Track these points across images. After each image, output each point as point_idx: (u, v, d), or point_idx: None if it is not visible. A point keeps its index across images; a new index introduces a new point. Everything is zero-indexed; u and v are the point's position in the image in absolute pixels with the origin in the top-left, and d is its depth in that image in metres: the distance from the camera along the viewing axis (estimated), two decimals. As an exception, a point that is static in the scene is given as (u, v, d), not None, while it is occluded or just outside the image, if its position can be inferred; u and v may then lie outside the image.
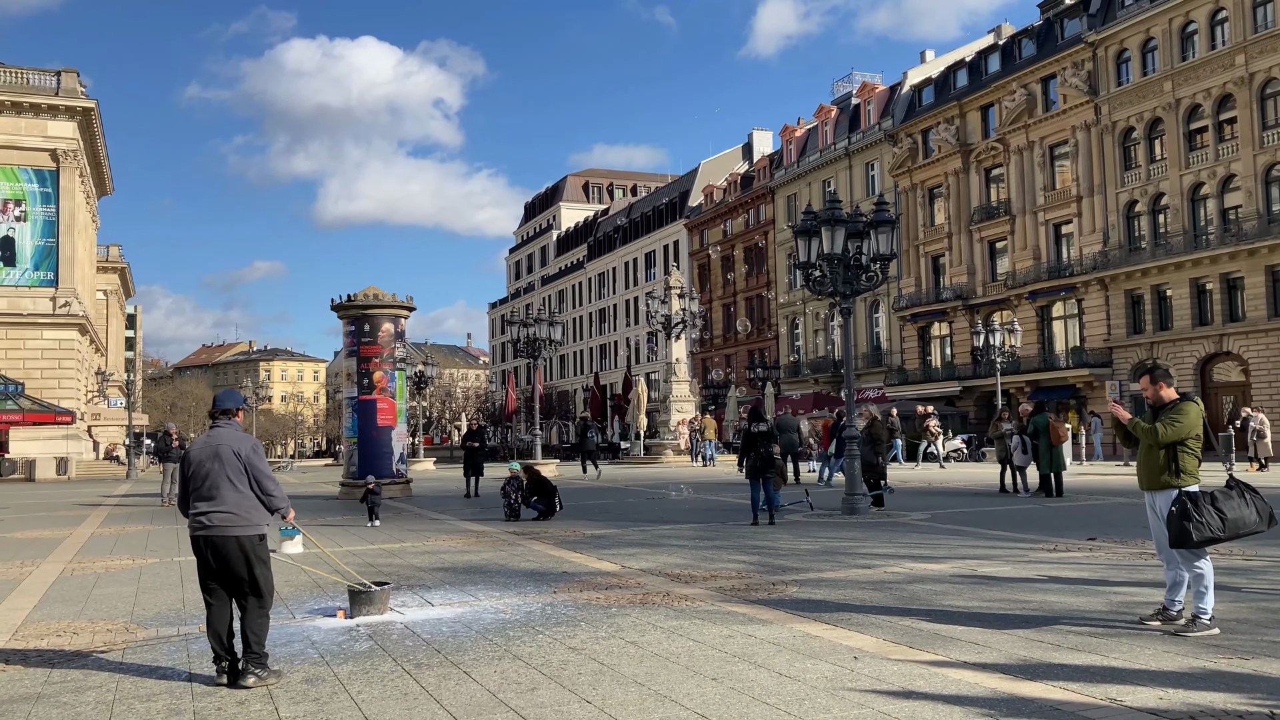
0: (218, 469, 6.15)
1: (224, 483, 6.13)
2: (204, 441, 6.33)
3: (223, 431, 6.32)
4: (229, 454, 6.17)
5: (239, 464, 6.16)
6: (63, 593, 10.34)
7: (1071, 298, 49.39)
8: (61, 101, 49.07)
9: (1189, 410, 7.32)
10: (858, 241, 17.87)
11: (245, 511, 6.17)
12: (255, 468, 6.20)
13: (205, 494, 6.17)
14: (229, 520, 6.11)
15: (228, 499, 6.13)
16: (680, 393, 46.34)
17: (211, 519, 6.12)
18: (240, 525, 6.14)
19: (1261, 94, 41.32)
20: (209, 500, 6.14)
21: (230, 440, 6.25)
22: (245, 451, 6.21)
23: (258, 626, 6.22)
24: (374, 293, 25.45)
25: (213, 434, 6.33)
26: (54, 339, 48.81)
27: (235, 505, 6.13)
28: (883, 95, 63.27)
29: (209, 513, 6.13)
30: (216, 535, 6.11)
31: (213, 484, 6.15)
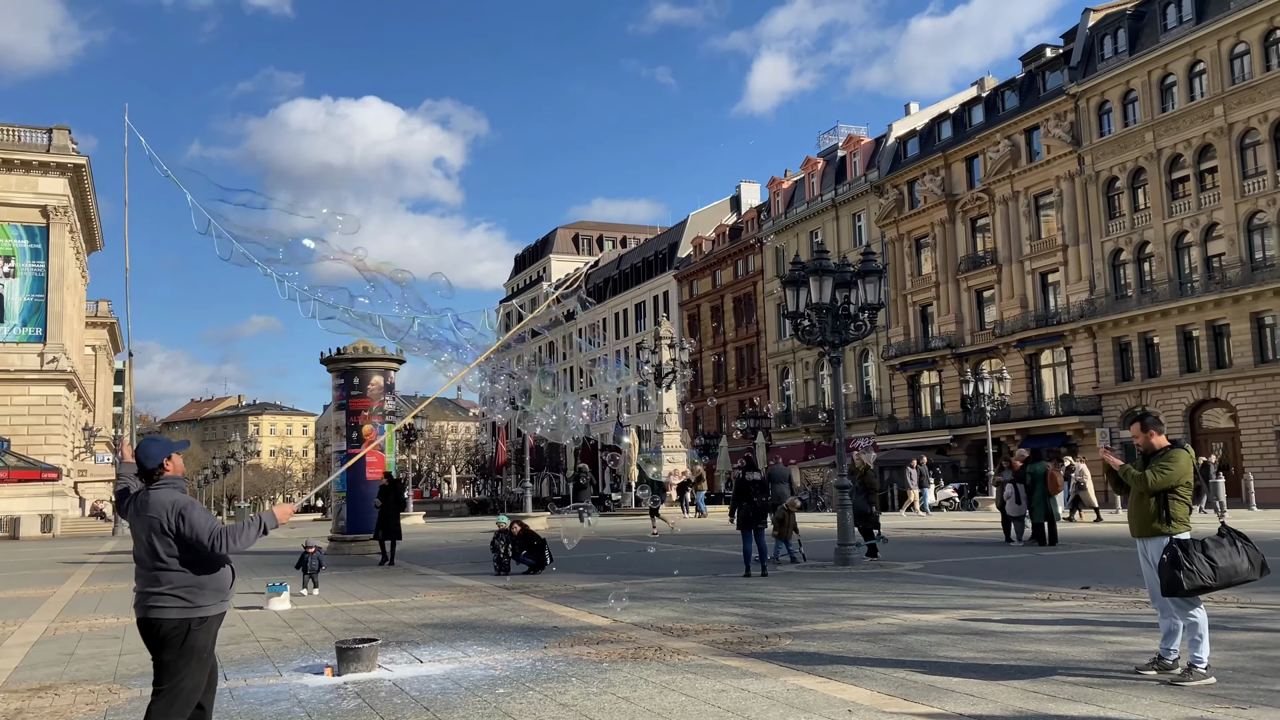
0: (147, 545, 5.15)
1: (156, 561, 5.12)
2: (136, 505, 5.27)
3: (151, 497, 5.21)
4: (158, 527, 5.11)
5: (168, 538, 5.11)
6: (45, 653, 10.18)
7: (1059, 346, 49.63)
8: (53, 158, 49.31)
9: (1179, 457, 7.32)
10: (846, 291, 17.96)
11: (183, 590, 5.13)
12: (185, 537, 5.10)
13: (141, 573, 5.22)
14: (164, 602, 5.12)
15: (162, 579, 5.12)
16: (671, 443, 46.25)
17: (150, 600, 5.14)
18: (177, 606, 5.13)
19: (1241, 144, 41.90)
20: (145, 581, 5.18)
21: (156, 508, 5.15)
22: (171, 520, 5.10)
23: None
24: (363, 346, 25.44)
25: (143, 498, 5.24)
26: (41, 395, 48.57)
27: (170, 584, 5.11)
28: (868, 147, 63.99)
29: (147, 593, 5.16)
30: (154, 617, 5.12)
31: (145, 563, 5.16)
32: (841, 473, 18.07)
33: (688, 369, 47.36)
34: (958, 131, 56.43)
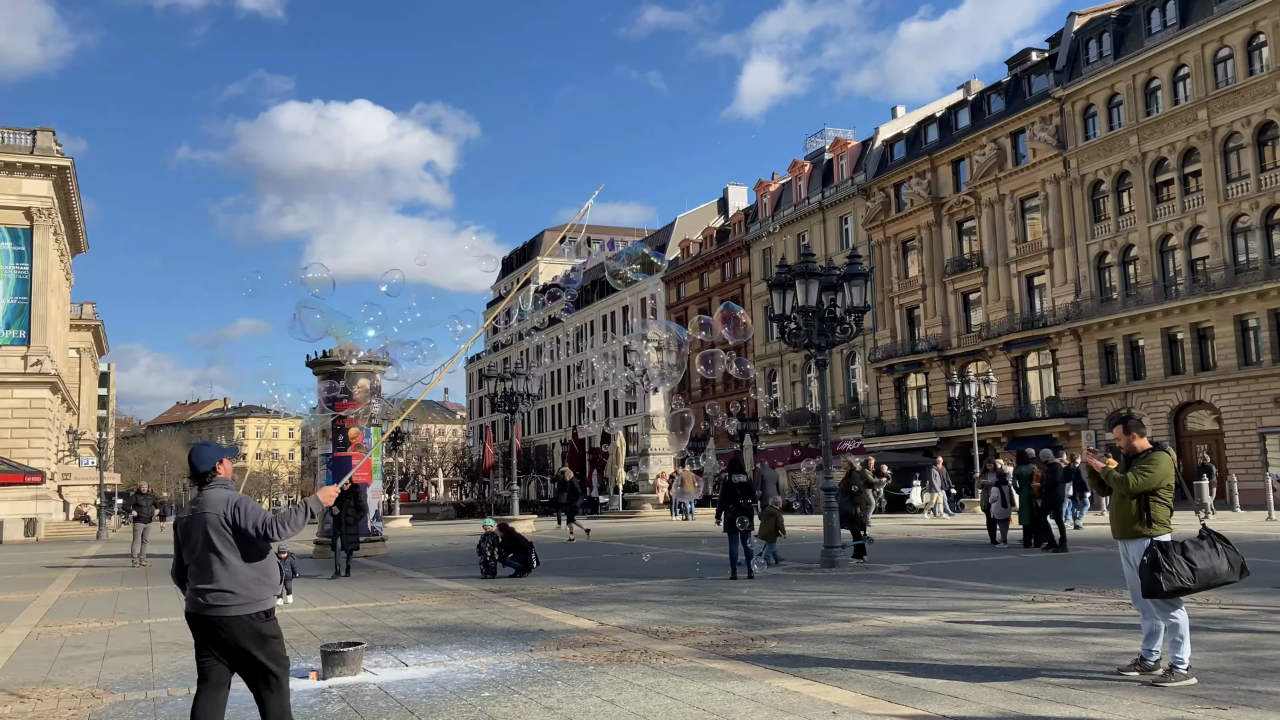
0: (205, 540, 5.43)
1: (214, 557, 5.40)
2: (190, 509, 5.60)
3: (207, 495, 5.52)
4: (215, 521, 5.41)
5: (226, 530, 5.41)
6: (28, 657, 10.13)
7: (1045, 348, 49.85)
8: (36, 160, 49.01)
9: (1160, 460, 7.36)
10: (832, 294, 18.01)
11: (244, 585, 5.42)
12: (241, 528, 5.40)
13: (198, 571, 5.47)
14: (225, 599, 5.39)
15: (221, 576, 5.39)
16: (659, 445, 46.25)
17: (207, 598, 5.41)
18: (238, 602, 5.40)
19: (1224, 148, 42.18)
20: (203, 577, 5.43)
21: (214, 505, 5.46)
22: (229, 513, 5.41)
23: (280, 712, 5.52)
24: (350, 348, 25.36)
25: (198, 500, 5.56)
26: (25, 398, 48.26)
27: (231, 581, 5.39)
28: (855, 150, 64.16)
29: (205, 590, 5.41)
30: (214, 615, 5.40)
31: (203, 559, 5.43)
32: (828, 475, 18.11)
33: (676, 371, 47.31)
34: (944, 135, 56.64)
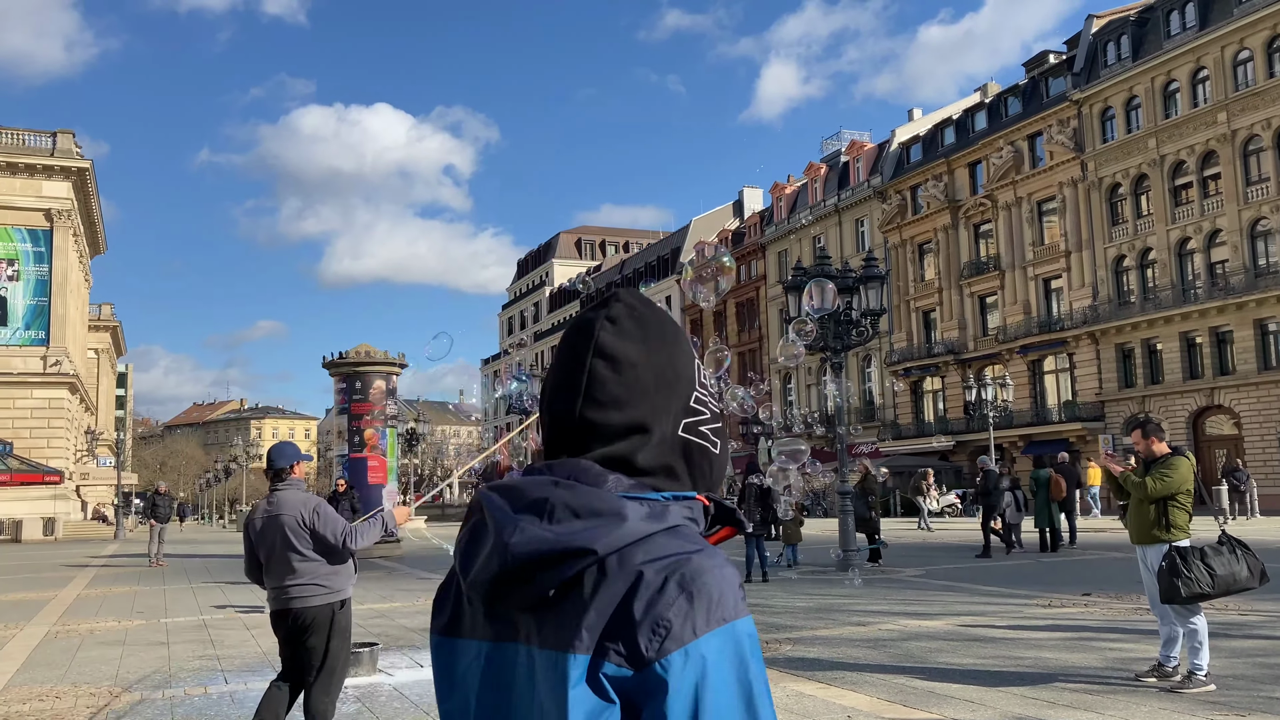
0: (283, 541, 5.57)
1: (294, 555, 5.56)
2: (264, 509, 5.72)
3: (283, 496, 5.66)
4: (293, 523, 5.55)
5: (304, 532, 5.56)
6: (47, 656, 10.19)
7: (1062, 352, 49.58)
8: (56, 162, 49.39)
9: (1179, 465, 7.31)
10: (848, 297, 17.96)
11: (324, 579, 5.59)
12: (319, 533, 5.55)
13: (277, 569, 5.62)
14: (308, 591, 5.57)
15: (301, 569, 5.56)
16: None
17: (291, 592, 5.57)
18: (322, 594, 5.59)
19: (1244, 150, 41.88)
20: (284, 574, 5.59)
21: (290, 507, 5.59)
22: (307, 516, 5.56)
23: (323, 708, 5.63)
24: (365, 350, 25.48)
25: (273, 500, 5.69)
26: (44, 398, 48.61)
27: (312, 574, 5.57)
28: (871, 153, 64.00)
29: (288, 586, 5.58)
30: (297, 607, 5.56)
31: (282, 558, 5.58)
32: (843, 479, 18.06)
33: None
34: (961, 137, 56.44)
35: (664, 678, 1.02)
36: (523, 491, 1.14)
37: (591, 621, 1.05)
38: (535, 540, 1.07)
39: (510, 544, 1.08)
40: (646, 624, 1.03)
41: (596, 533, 1.07)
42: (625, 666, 1.03)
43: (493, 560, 1.10)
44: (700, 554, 1.08)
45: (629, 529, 1.08)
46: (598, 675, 1.03)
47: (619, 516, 1.09)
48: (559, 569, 1.07)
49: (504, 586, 1.10)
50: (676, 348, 1.22)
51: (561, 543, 1.07)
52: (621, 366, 1.17)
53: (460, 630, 1.18)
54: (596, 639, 1.04)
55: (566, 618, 1.06)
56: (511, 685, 1.12)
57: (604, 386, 1.17)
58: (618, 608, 1.05)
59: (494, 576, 1.09)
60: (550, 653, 1.06)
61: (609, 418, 1.17)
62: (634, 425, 1.17)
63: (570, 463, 1.16)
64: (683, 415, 1.20)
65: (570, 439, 1.18)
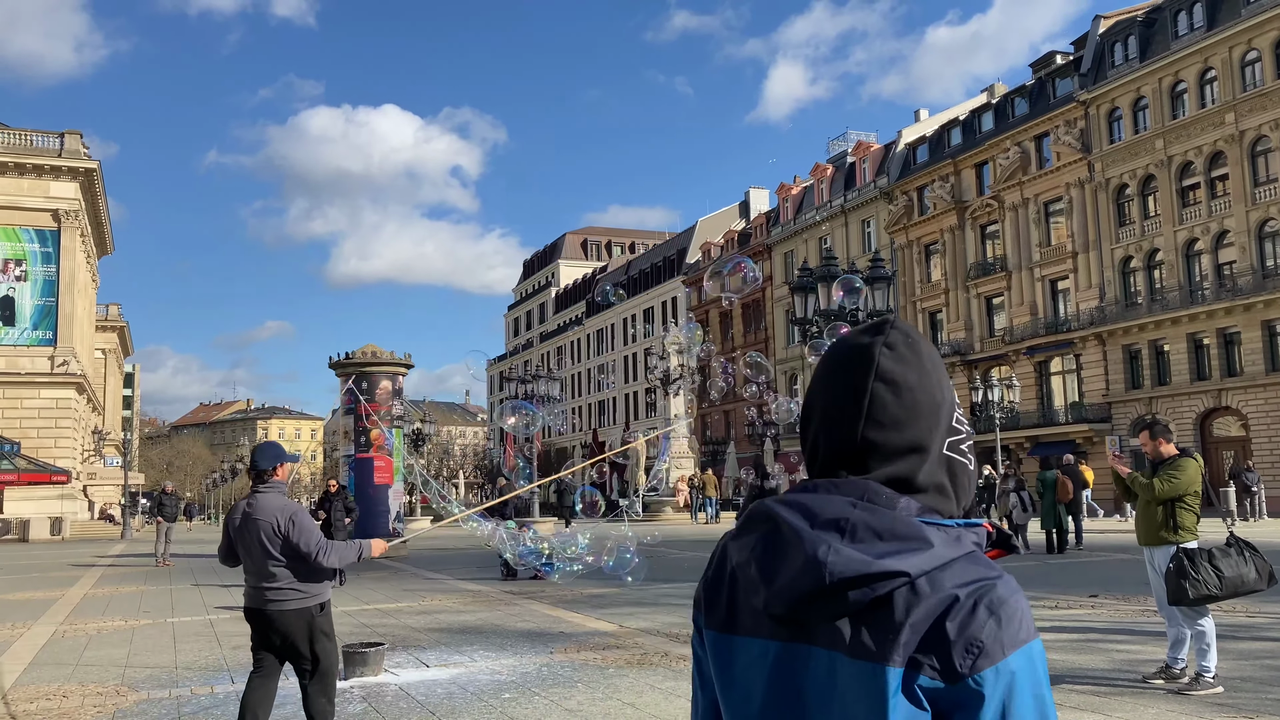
0: (259, 544, 5.52)
1: (270, 560, 5.51)
2: (244, 509, 5.67)
3: (261, 500, 5.59)
4: (269, 529, 5.48)
5: (278, 539, 5.49)
6: (54, 655, 10.21)
7: (1069, 353, 49.48)
8: (64, 162, 49.53)
9: (1187, 466, 7.29)
10: (854, 297, 17.95)
11: (301, 584, 5.53)
12: (292, 543, 5.47)
13: (253, 568, 5.60)
14: (285, 595, 5.52)
15: (277, 574, 5.52)
16: (679, 449, 46.22)
17: (267, 595, 5.54)
18: (297, 598, 5.54)
19: (1252, 151, 41.77)
20: (259, 575, 5.57)
21: (267, 512, 5.52)
22: (283, 525, 5.48)
23: (321, 708, 5.67)
24: (372, 350, 25.50)
25: (253, 502, 5.63)
26: (51, 398, 48.75)
27: (288, 579, 5.51)
28: (878, 153, 63.94)
29: (264, 589, 5.55)
30: (273, 610, 5.53)
31: (258, 559, 5.55)
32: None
33: (695, 375, 47.30)
34: (967, 138, 56.36)
35: (979, 691, 1.14)
36: (816, 508, 1.25)
37: (906, 638, 1.16)
38: (853, 561, 1.18)
39: (827, 563, 1.19)
40: (960, 643, 1.15)
41: (909, 557, 1.18)
42: (939, 680, 1.16)
43: (806, 576, 1.20)
44: (1001, 580, 1.20)
45: (935, 554, 1.19)
46: (913, 687, 1.16)
47: (925, 541, 1.20)
48: (872, 588, 1.18)
49: (814, 600, 1.20)
50: (940, 372, 1.35)
51: (878, 565, 1.18)
52: (901, 390, 1.29)
53: (738, 628, 1.30)
54: (910, 654, 1.16)
55: (881, 632, 1.18)
56: (803, 684, 1.23)
57: (885, 409, 1.28)
58: (931, 627, 1.16)
59: (807, 591, 1.20)
60: (866, 663, 1.18)
61: (890, 438, 1.28)
62: (913, 445, 1.28)
63: (859, 483, 1.27)
64: (947, 434, 1.31)
65: (850, 459, 1.30)
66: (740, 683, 1.29)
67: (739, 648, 1.29)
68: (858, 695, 1.17)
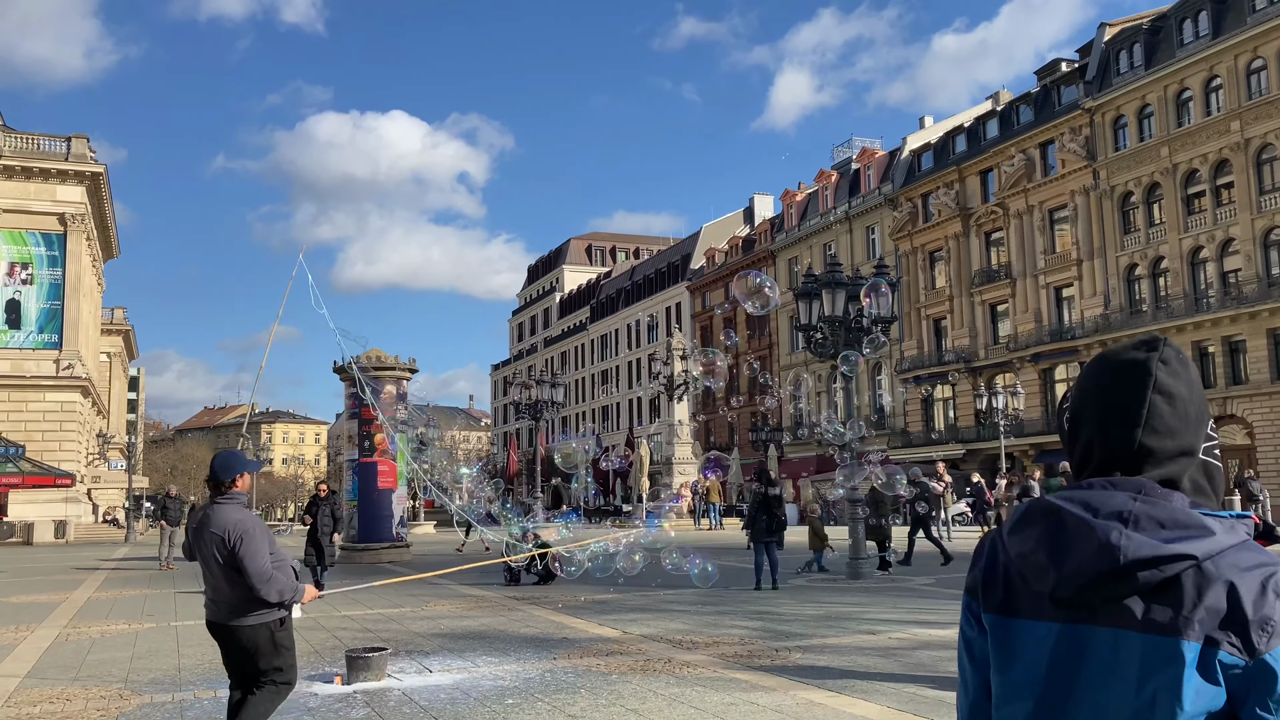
0: (212, 557, 5.34)
1: (220, 570, 5.32)
2: (200, 518, 5.51)
3: (217, 512, 5.39)
4: (219, 542, 5.27)
5: (228, 554, 5.25)
6: (57, 658, 10.22)
7: (1074, 360, 49.37)
8: (70, 166, 49.64)
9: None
10: (858, 304, 17.93)
11: (249, 600, 5.31)
12: (241, 562, 5.22)
13: (210, 581, 5.45)
14: (243, 610, 5.33)
15: (224, 589, 5.36)
16: (683, 455, 46.18)
17: (224, 609, 5.39)
18: (256, 613, 5.33)
19: (1258, 159, 41.72)
20: (217, 589, 5.41)
21: (220, 525, 5.30)
22: (231, 539, 5.24)
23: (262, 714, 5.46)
24: (376, 355, 25.52)
25: (209, 511, 5.45)
26: (56, 401, 48.80)
27: (246, 593, 5.30)
28: (882, 160, 63.94)
29: (220, 602, 5.40)
30: (233, 624, 5.37)
31: (214, 572, 5.38)
32: (853, 487, 18.01)
33: (699, 381, 47.35)
34: (972, 145, 56.34)
35: (1273, 668, 1.29)
36: (1097, 503, 1.39)
37: (1201, 616, 1.30)
38: (1144, 545, 1.33)
39: (1121, 546, 1.33)
40: (1256, 622, 1.29)
41: (1195, 542, 1.32)
42: (1239, 656, 1.29)
43: (1099, 559, 1.34)
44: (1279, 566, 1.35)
45: (1217, 540, 1.33)
46: (1211, 662, 1.29)
47: (1206, 529, 1.34)
48: (1161, 569, 1.31)
49: (1105, 581, 1.34)
50: (1199, 384, 1.51)
51: (1168, 549, 1.32)
52: (1175, 401, 1.45)
53: (1017, 612, 1.44)
54: (1206, 631, 1.29)
55: (1173, 610, 1.31)
56: (1083, 661, 1.37)
57: (1162, 418, 1.44)
58: (1228, 607, 1.30)
59: (1100, 573, 1.34)
60: (1159, 638, 1.31)
61: (1164, 444, 1.44)
62: (1182, 450, 1.45)
63: (1134, 480, 1.42)
64: (1204, 440, 1.47)
65: (1125, 462, 1.45)
66: (1020, 661, 1.43)
67: (1018, 630, 1.43)
68: (1147, 668, 1.31)
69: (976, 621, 1.52)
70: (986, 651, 1.50)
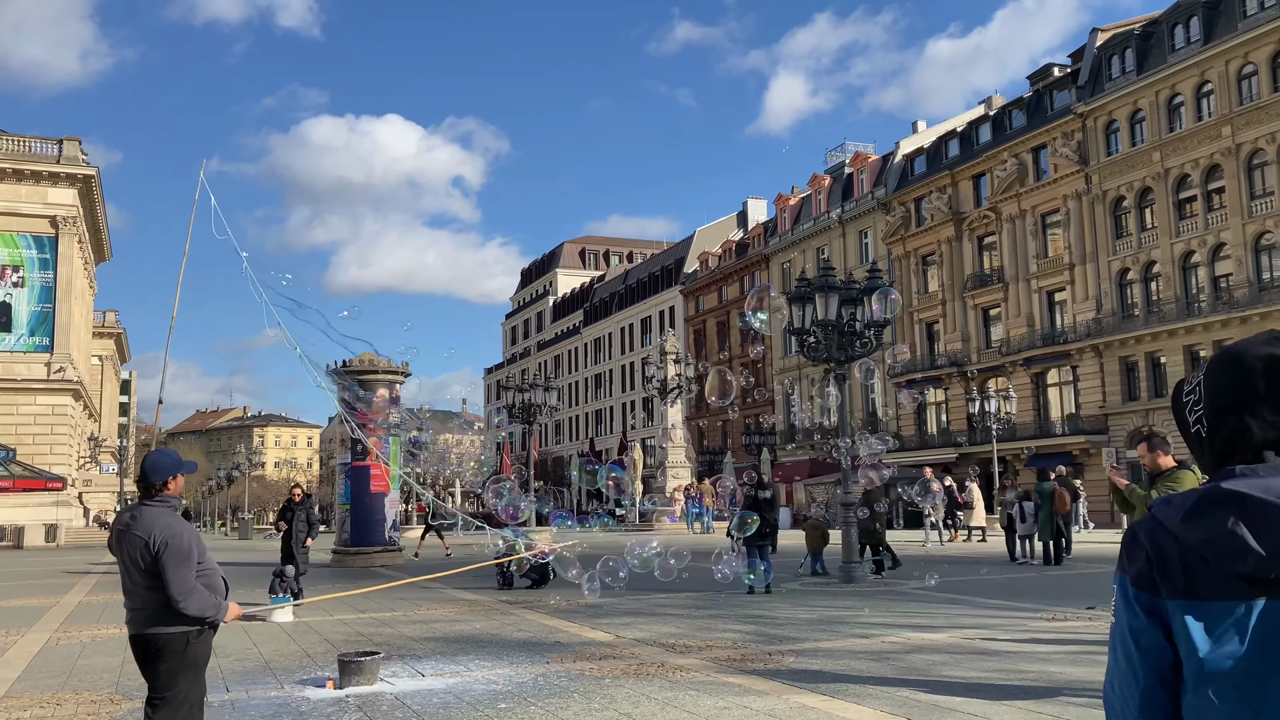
0: (132, 562, 4.90)
1: (141, 577, 4.89)
2: (125, 521, 5.04)
3: (144, 515, 4.96)
4: (142, 546, 4.84)
5: (150, 560, 4.83)
6: (47, 663, 10.17)
7: (1066, 364, 49.51)
8: (62, 169, 49.52)
9: (1185, 479, 7.28)
10: (851, 308, 17.95)
11: (167, 608, 4.86)
12: (164, 571, 4.80)
13: (130, 588, 4.98)
14: (160, 616, 4.89)
15: (143, 596, 4.92)
16: (676, 458, 46.19)
17: (141, 616, 4.94)
18: (174, 620, 4.89)
19: (1249, 164, 41.88)
20: (135, 597, 4.96)
21: (145, 530, 4.88)
22: (155, 545, 4.82)
23: None
24: (369, 358, 25.49)
25: (135, 514, 5.01)
26: (47, 404, 48.65)
27: (154, 603, 4.88)
28: (875, 164, 64.05)
29: (138, 610, 4.96)
30: (149, 632, 4.93)
31: (135, 578, 4.92)
32: (847, 490, 18.03)
33: (692, 384, 47.36)
34: (965, 150, 56.48)
35: None
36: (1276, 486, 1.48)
37: None
38: None
39: None
40: None
41: None
42: None
43: None
44: None
45: None
46: None
47: None
48: None
49: None
50: None
51: None
52: None
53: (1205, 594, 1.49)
54: None
55: None
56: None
57: None
58: None
59: None
60: None
61: None
62: None
63: None
64: None
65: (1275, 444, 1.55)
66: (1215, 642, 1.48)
67: (1210, 612, 1.48)
68: None
69: (1145, 612, 1.56)
70: (1156, 640, 1.54)
